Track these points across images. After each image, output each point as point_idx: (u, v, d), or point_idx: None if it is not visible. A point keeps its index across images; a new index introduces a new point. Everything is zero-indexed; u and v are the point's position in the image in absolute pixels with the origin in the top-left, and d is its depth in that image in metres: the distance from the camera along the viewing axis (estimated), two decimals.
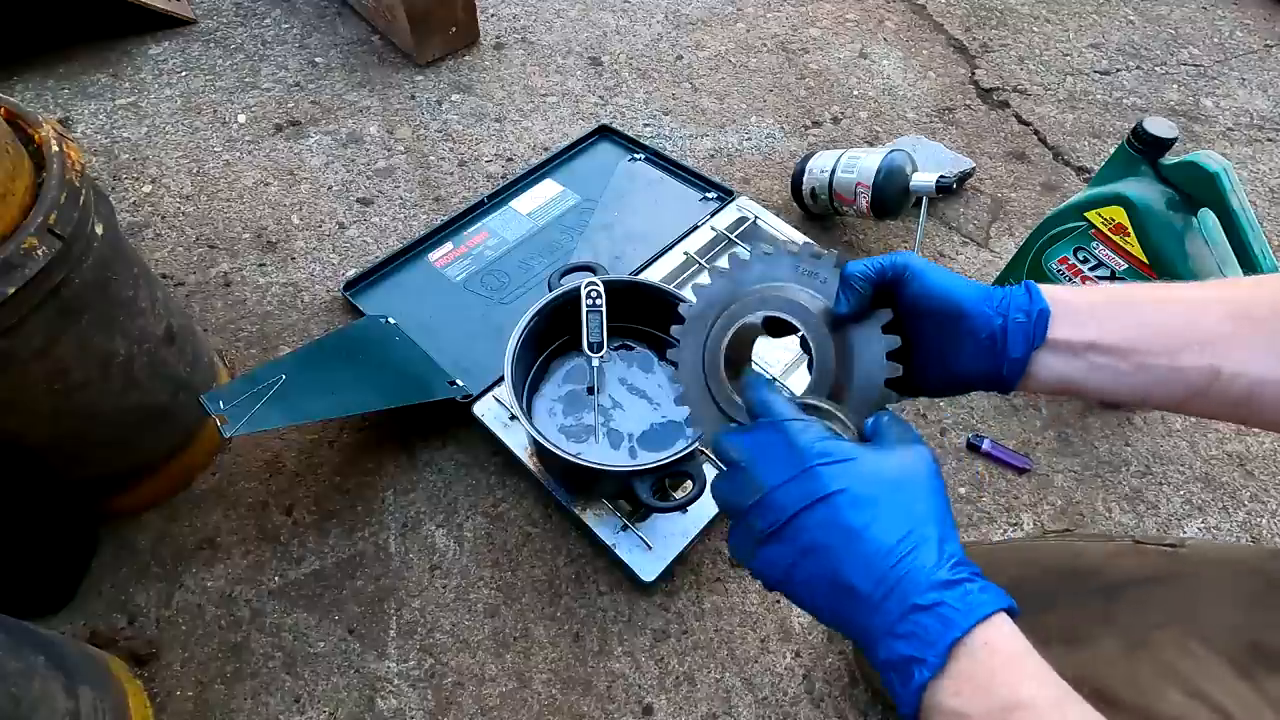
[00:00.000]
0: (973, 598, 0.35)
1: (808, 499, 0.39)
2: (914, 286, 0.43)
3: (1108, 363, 0.40)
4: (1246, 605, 0.47)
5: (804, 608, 0.40)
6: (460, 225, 1.05)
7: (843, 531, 0.38)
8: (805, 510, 0.39)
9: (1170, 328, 0.39)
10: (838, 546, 0.38)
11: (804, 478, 0.39)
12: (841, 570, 0.38)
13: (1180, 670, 0.45)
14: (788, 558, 0.40)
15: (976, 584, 0.36)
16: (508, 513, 0.82)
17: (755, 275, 0.47)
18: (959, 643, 0.34)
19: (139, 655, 0.71)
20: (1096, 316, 0.41)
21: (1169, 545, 0.53)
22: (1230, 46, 1.49)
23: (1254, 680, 0.43)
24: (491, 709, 0.70)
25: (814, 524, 0.39)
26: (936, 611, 0.35)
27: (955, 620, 0.35)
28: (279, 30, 1.35)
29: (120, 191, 1.09)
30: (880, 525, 0.38)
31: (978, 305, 0.42)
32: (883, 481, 0.39)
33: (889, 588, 0.36)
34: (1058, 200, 1.10)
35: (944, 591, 0.36)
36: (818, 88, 1.33)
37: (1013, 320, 0.41)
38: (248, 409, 0.68)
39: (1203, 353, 0.38)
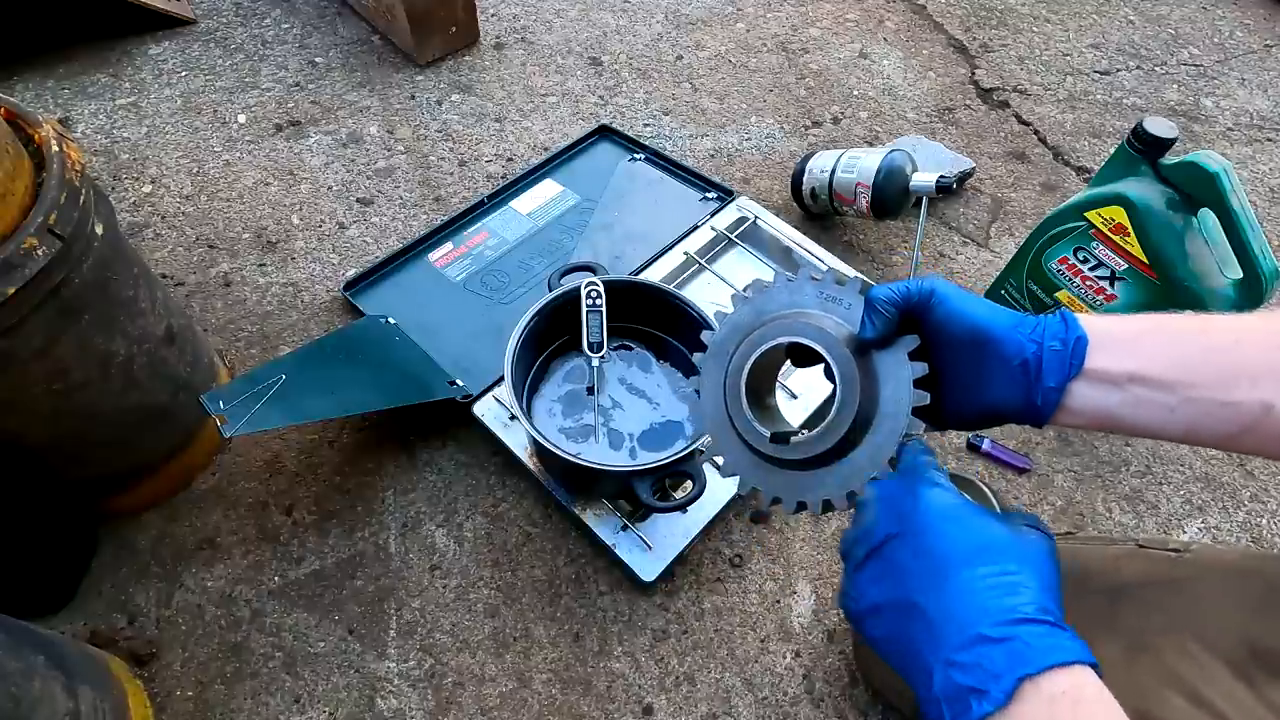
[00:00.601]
0: (1057, 641, 0.32)
1: (902, 526, 0.39)
2: (940, 312, 0.41)
3: (1151, 395, 0.37)
4: (1248, 610, 0.46)
5: (877, 645, 0.39)
6: (460, 225, 1.05)
7: (922, 553, 0.37)
8: (898, 535, 0.38)
9: (1218, 359, 0.37)
10: (915, 568, 0.37)
11: (908, 508, 0.39)
12: (913, 593, 0.36)
13: (1182, 675, 0.45)
14: (872, 581, 0.39)
15: (1066, 632, 0.33)
16: (508, 513, 0.82)
17: (778, 302, 0.46)
18: (1029, 681, 0.31)
19: (139, 655, 0.71)
20: (1138, 346, 0.38)
21: (1172, 549, 0.53)
22: (1230, 46, 1.49)
23: (1255, 686, 0.43)
24: (491, 709, 0.70)
25: (900, 546, 0.38)
26: (1007, 645, 0.32)
27: (1028, 656, 0.31)
28: (279, 30, 1.35)
29: (120, 191, 1.09)
30: (967, 557, 0.36)
31: (1009, 331, 0.40)
32: (986, 531, 0.38)
33: (953, 613, 0.34)
34: (1058, 200, 1.10)
35: (1020, 627, 0.33)
36: (818, 88, 1.33)
37: (1048, 348, 0.39)
38: (248, 409, 0.68)
39: (1255, 386, 0.36)
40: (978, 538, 0.37)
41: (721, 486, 0.79)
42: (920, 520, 0.38)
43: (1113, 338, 0.39)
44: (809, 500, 0.43)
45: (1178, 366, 0.37)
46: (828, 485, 0.43)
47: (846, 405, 0.41)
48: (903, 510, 0.39)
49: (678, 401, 0.80)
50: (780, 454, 0.44)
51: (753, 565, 0.79)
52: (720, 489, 0.78)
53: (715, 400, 0.48)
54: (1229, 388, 0.36)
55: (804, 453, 0.43)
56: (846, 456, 0.42)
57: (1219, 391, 0.36)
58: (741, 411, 0.45)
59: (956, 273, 1.07)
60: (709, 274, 0.98)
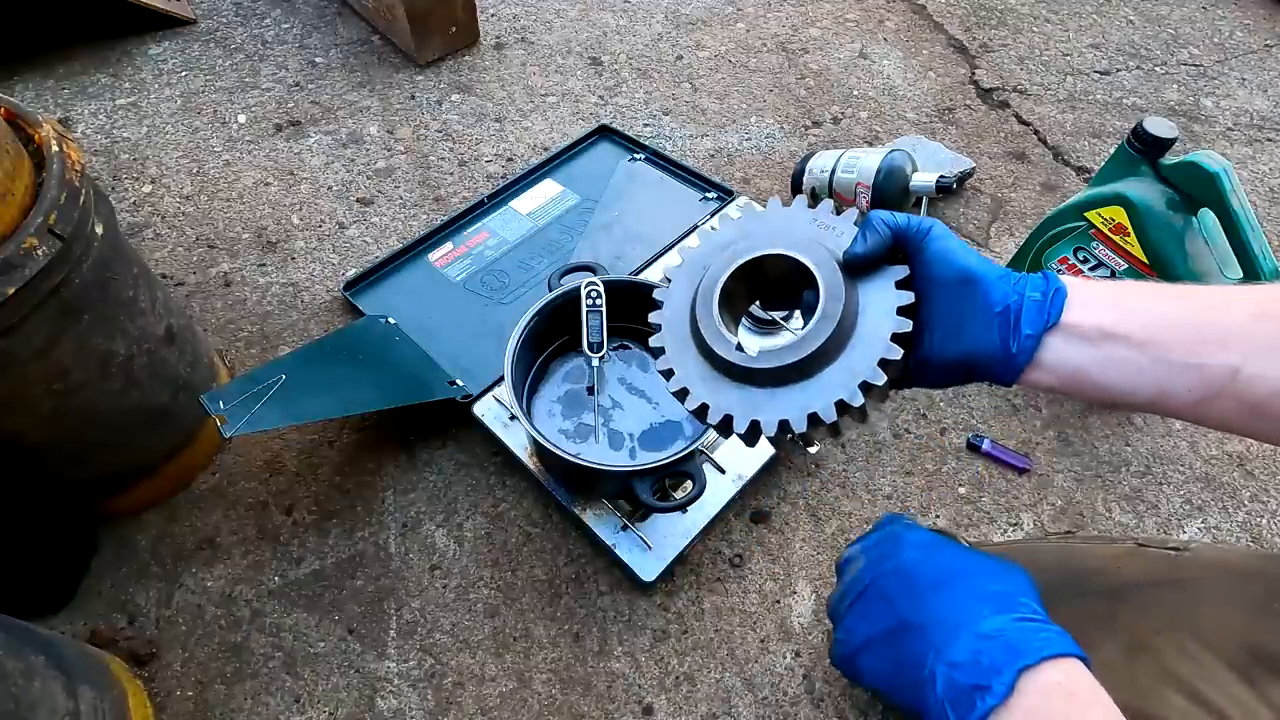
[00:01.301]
0: (1044, 635, 0.33)
1: (886, 564, 0.41)
2: (934, 249, 0.40)
3: (1123, 353, 0.38)
4: (1248, 609, 0.46)
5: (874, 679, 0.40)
6: (460, 225, 1.05)
7: (909, 578, 0.39)
8: (883, 574, 0.41)
9: (1192, 321, 0.37)
10: (903, 591, 0.39)
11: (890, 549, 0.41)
12: (898, 610, 0.38)
13: (1181, 674, 0.45)
14: (863, 616, 0.41)
15: (1054, 629, 0.34)
16: (508, 513, 0.82)
17: (768, 225, 0.43)
18: (1029, 674, 0.32)
19: (139, 655, 0.71)
20: (1115, 303, 0.38)
21: (1172, 549, 0.53)
22: (1230, 46, 1.49)
23: (1254, 685, 0.43)
24: (491, 709, 0.70)
25: (887, 578, 0.40)
26: (1002, 639, 0.33)
27: (1023, 649, 0.33)
28: (279, 30, 1.35)
29: (120, 191, 1.09)
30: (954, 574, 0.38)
31: (995, 280, 0.40)
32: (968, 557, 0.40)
33: (945, 620, 0.35)
34: (1058, 200, 1.10)
35: (1013, 624, 0.34)
36: (818, 88, 1.33)
37: (1028, 298, 0.39)
38: (248, 409, 0.68)
39: (1225, 349, 0.36)
40: (958, 561, 0.40)
41: (722, 486, 0.79)
42: (902, 557, 0.41)
43: (1091, 293, 0.39)
44: (763, 420, 0.39)
45: (1151, 326, 0.37)
46: (789, 405, 0.39)
47: (827, 317, 0.39)
48: (884, 554, 0.42)
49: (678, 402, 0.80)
50: (744, 362, 0.40)
51: (753, 565, 0.79)
52: (720, 489, 0.78)
53: (680, 308, 0.44)
54: (1198, 350, 0.36)
55: (770, 362, 0.40)
56: (814, 375, 0.39)
57: (1189, 354, 0.36)
58: (710, 315, 0.42)
59: None
60: None
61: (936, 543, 0.42)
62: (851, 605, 0.42)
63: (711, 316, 0.41)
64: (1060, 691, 0.32)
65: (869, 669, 0.40)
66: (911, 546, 0.41)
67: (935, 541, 0.42)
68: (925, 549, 0.41)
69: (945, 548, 0.41)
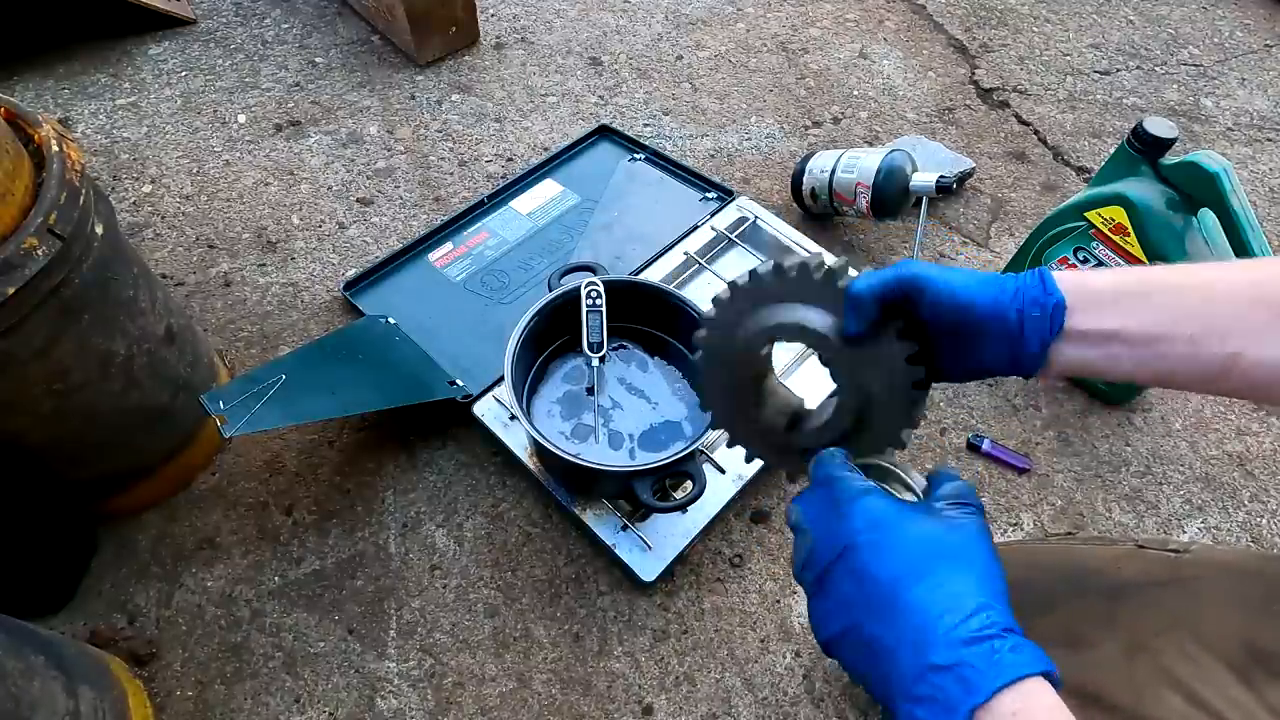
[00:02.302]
0: (1000, 657, 0.32)
1: (837, 549, 0.39)
2: (925, 299, 0.42)
3: (1126, 352, 0.39)
4: (1248, 611, 0.46)
5: (853, 674, 0.39)
6: (460, 225, 1.05)
7: (864, 579, 0.38)
8: (836, 560, 0.39)
9: (1190, 316, 0.38)
10: (860, 597, 0.38)
11: (837, 527, 0.40)
12: (864, 623, 0.37)
13: (1179, 675, 0.45)
14: (828, 611, 0.39)
15: (1008, 641, 0.33)
16: (508, 513, 0.82)
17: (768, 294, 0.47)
18: (981, 710, 0.31)
19: (139, 655, 0.71)
20: (1115, 306, 0.39)
21: (1172, 550, 0.53)
22: (1230, 46, 1.49)
23: (1253, 686, 0.43)
24: (491, 709, 0.70)
25: (842, 573, 0.39)
26: (956, 672, 0.32)
27: (976, 683, 0.31)
28: (279, 30, 1.35)
29: (120, 191, 1.09)
30: (903, 576, 0.36)
31: (992, 308, 0.41)
32: (916, 537, 0.38)
33: (905, 641, 0.34)
34: (1058, 200, 1.10)
35: (965, 649, 0.33)
36: (818, 88, 1.33)
37: (1028, 315, 0.40)
38: (248, 409, 0.68)
39: (1225, 341, 0.37)
40: (912, 548, 0.37)
41: (722, 486, 0.79)
42: (854, 541, 0.39)
43: (1089, 298, 0.40)
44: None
45: (1150, 325, 0.39)
46: None
47: (843, 392, 0.44)
48: (834, 530, 0.40)
49: (677, 402, 0.80)
50: (795, 442, 0.48)
51: (753, 565, 0.79)
52: (720, 489, 0.78)
53: (723, 397, 0.51)
54: (1199, 342, 0.38)
55: (816, 440, 0.46)
56: (861, 433, 0.45)
57: (1190, 346, 0.38)
58: (750, 406, 0.49)
59: None
60: (709, 274, 0.98)
61: (889, 518, 0.39)
62: (814, 593, 0.41)
63: (752, 410, 0.50)
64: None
65: (843, 660, 0.40)
66: (862, 527, 0.39)
67: (887, 516, 0.39)
68: (878, 530, 0.38)
69: (898, 528, 0.39)
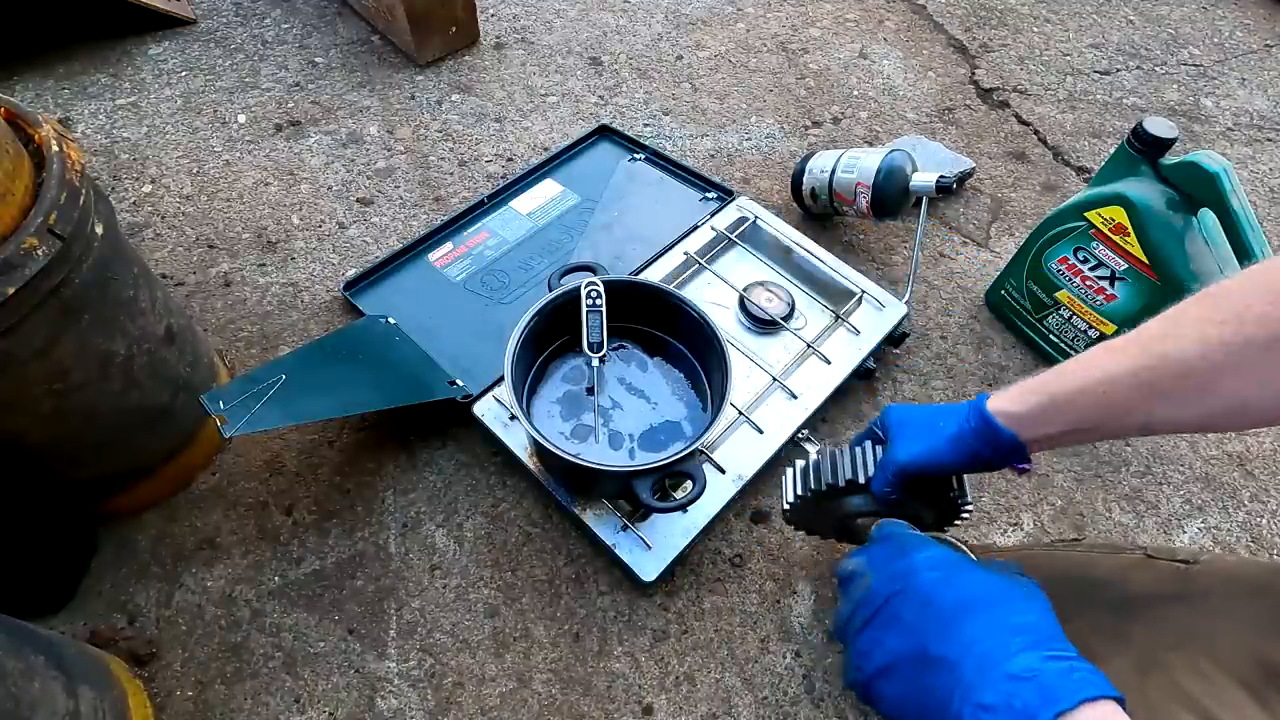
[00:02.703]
0: (1081, 676, 0.33)
1: (899, 583, 0.40)
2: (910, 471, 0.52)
3: (1074, 440, 0.48)
4: (1258, 626, 0.46)
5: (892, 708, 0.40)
6: (460, 225, 1.05)
7: (928, 604, 0.39)
8: (897, 592, 0.41)
9: (1094, 415, 0.45)
10: (922, 621, 0.38)
11: (901, 566, 0.42)
12: (926, 644, 0.37)
13: (1192, 693, 0.44)
14: (878, 641, 0.40)
15: (1085, 665, 0.34)
16: (508, 513, 0.82)
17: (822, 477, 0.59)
18: (1065, 718, 0.31)
19: (139, 655, 0.71)
20: (1038, 427, 0.47)
21: (1181, 561, 0.53)
22: (1230, 46, 1.49)
23: (1266, 705, 0.43)
24: (491, 709, 0.70)
25: (903, 602, 0.40)
26: (1037, 682, 0.32)
27: (1058, 693, 0.32)
28: (279, 30, 1.35)
29: (120, 191, 1.09)
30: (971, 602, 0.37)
31: (967, 462, 0.50)
32: (982, 575, 0.40)
33: (974, 655, 0.34)
34: (1058, 200, 1.10)
35: (1045, 664, 0.33)
36: (818, 88, 1.33)
37: (987, 454, 0.49)
38: (248, 409, 0.68)
39: (1127, 420, 0.44)
40: (979, 584, 0.39)
41: (722, 486, 0.79)
42: (918, 576, 0.40)
43: (1027, 424, 0.48)
44: None
45: (1069, 428, 0.46)
46: None
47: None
48: (896, 571, 0.42)
49: (677, 402, 0.80)
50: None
51: (753, 565, 0.79)
52: (720, 489, 0.78)
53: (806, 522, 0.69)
54: (1110, 425, 0.46)
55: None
56: None
57: (1105, 430, 0.46)
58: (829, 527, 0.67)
59: (957, 273, 1.07)
60: (709, 274, 0.98)
61: (951, 560, 0.41)
62: (864, 627, 0.41)
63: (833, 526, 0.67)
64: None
65: (888, 697, 0.39)
66: (927, 566, 0.41)
67: (950, 559, 0.41)
68: (943, 569, 0.40)
69: (962, 568, 0.40)
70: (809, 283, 0.98)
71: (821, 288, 0.97)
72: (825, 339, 0.91)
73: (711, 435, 0.79)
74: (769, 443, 0.82)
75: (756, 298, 0.93)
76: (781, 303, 0.93)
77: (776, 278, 0.97)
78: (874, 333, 0.91)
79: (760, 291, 0.94)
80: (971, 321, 1.02)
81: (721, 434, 0.82)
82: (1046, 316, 0.94)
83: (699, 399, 0.79)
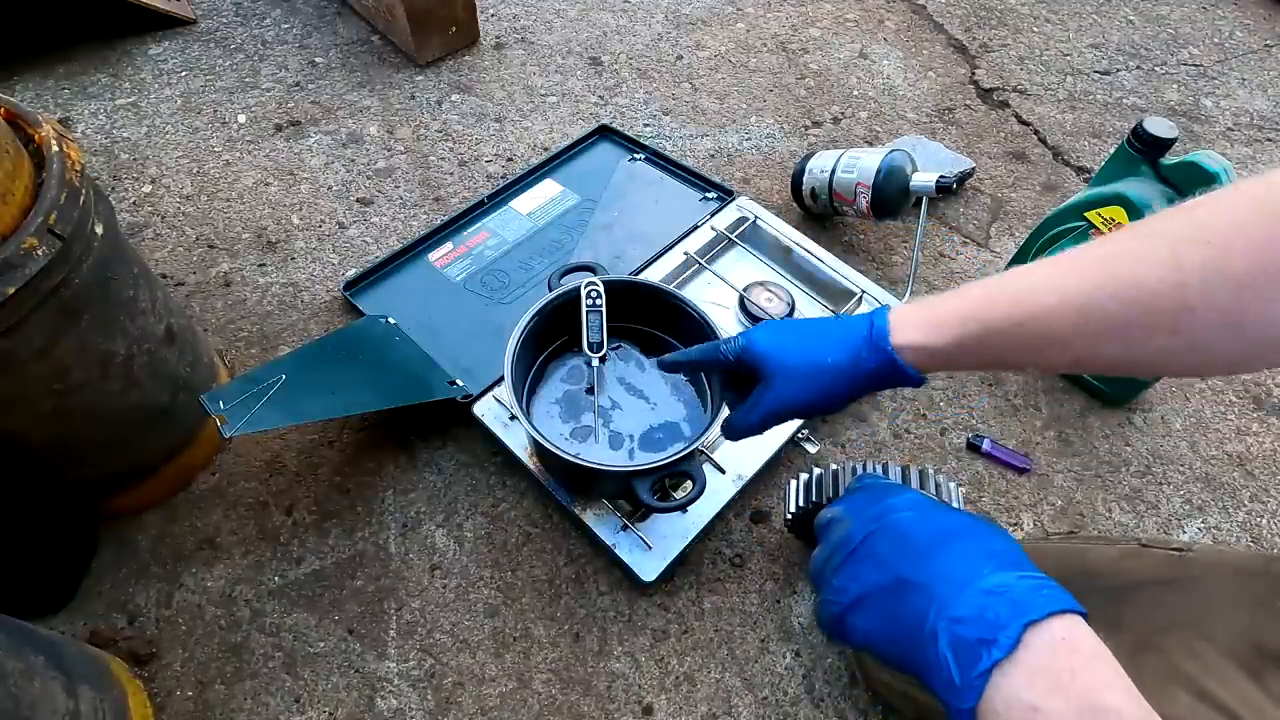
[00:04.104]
0: (1050, 592, 0.33)
1: (876, 522, 0.41)
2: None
3: (961, 369, 0.44)
4: (1253, 608, 0.47)
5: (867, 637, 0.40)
6: (460, 225, 1.05)
7: (904, 538, 0.39)
8: (874, 531, 0.41)
9: (1026, 351, 0.41)
10: (898, 552, 0.39)
11: (877, 509, 0.42)
12: (901, 572, 0.38)
13: (1187, 672, 0.45)
14: (856, 575, 0.40)
15: (1055, 586, 0.34)
16: (508, 513, 0.82)
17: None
18: (1034, 629, 0.32)
19: (139, 655, 0.71)
20: (952, 360, 0.44)
21: (1176, 549, 0.53)
22: (1230, 46, 1.49)
23: (1261, 682, 0.43)
24: (491, 709, 0.70)
25: (879, 538, 0.40)
26: (1008, 595, 0.33)
27: (1029, 604, 0.32)
28: (279, 30, 1.35)
29: (120, 191, 1.09)
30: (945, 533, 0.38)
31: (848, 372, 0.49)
32: (954, 513, 0.41)
33: (948, 576, 0.35)
34: (1058, 200, 1.10)
35: (1017, 581, 0.34)
36: (818, 88, 1.33)
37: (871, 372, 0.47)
38: (248, 409, 0.68)
39: (1064, 352, 0.40)
40: (954, 521, 0.40)
41: (722, 486, 0.79)
42: (894, 514, 0.41)
43: (929, 354, 0.45)
44: None
45: (996, 354, 0.43)
46: None
47: None
48: (872, 514, 0.42)
49: (677, 402, 0.80)
50: None
51: (753, 565, 0.79)
52: (720, 489, 0.78)
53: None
54: (1042, 355, 0.41)
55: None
56: None
57: (1035, 359, 0.42)
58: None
59: (957, 273, 1.07)
60: (709, 274, 0.98)
61: (926, 502, 0.42)
62: (841, 565, 0.41)
63: None
64: (1065, 647, 0.32)
65: (861, 627, 0.40)
66: (903, 506, 0.41)
67: (925, 502, 0.42)
68: (918, 509, 0.41)
69: (937, 507, 0.41)
70: (809, 283, 0.98)
71: (821, 288, 0.97)
72: None
73: (711, 435, 0.79)
74: (769, 443, 0.82)
75: (756, 298, 0.93)
76: (781, 303, 0.93)
77: (776, 278, 0.97)
78: None
79: (760, 291, 0.94)
80: None
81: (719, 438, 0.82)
82: None
83: (699, 399, 0.79)
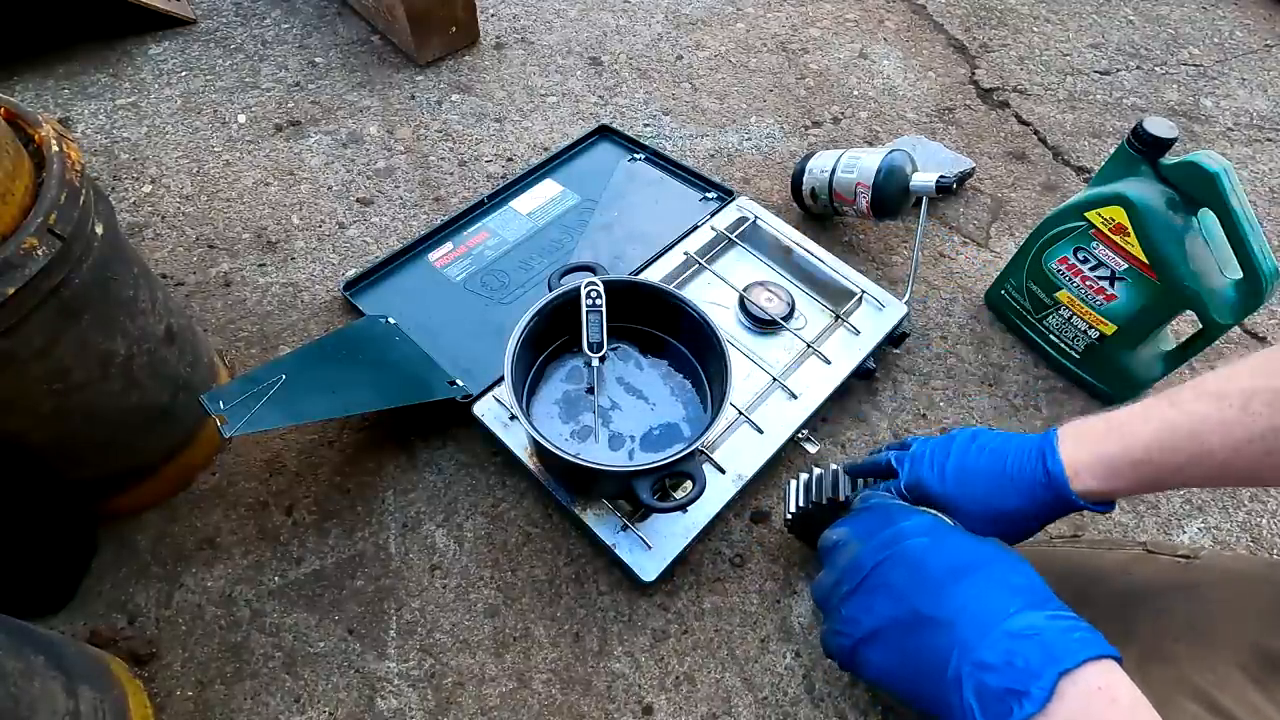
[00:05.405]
0: (1083, 635, 0.32)
1: (886, 549, 0.39)
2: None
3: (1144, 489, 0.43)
4: (1259, 616, 0.46)
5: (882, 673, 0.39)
6: (460, 225, 1.05)
7: (918, 568, 0.37)
8: (885, 559, 0.39)
9: (1209, 480, 0.41)
10: (912, 583, 0.37)
11: (888, 534, 0.40)
12: (917, 606, 0.36)
13: (1195, 682, 0.44)
14: (868, 607, 0.39)
15: (1086, 627, 0.33)
16: (508, 513, 0.82)
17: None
18: (1068, 677, 0.30)
19: (139, 655, 0.71)
20: (1136, 490, 0.43)
21: (1182, 556, 0.53)
22: (1230, 46, 1.49)
23: (1269, 692, 0.43)
24: (491, 709, 0.70)
25: (891, 567, 0.38)
26: (1037, 639, 0.31)
27: (1062, 651, 0.31)
28: (279, 30, 1.35)
29: (120, 191, 1.09)
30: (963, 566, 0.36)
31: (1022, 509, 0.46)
32: (971, 540, 0.38)
33: (970, 614, 0.33)
34: (1058, 200, 1.10)
35: (1047, 623, 0.32)
36: (818, 88, 1.33)
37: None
38: (248, 409, 0.68)
39: (1224, 474, 0.40)
40: (969, 548, 0.38)
41: (721, 486, 0.79)
42: (906, 541, 0.39)
43: (1112, 498, 0.44)
44: None
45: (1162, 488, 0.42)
46: None
47: None
48: (883, 539, 0.40)
49: (677, 402, 0.80)
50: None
51: (753, 565, 0.79)
52: (720, 489, 0.78)
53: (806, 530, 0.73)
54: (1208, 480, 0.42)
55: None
56: None
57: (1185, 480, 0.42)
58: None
59: (957, 273, 1.07)
60: (709, 274, 0.98)
61: (938, 527, 0.40)
62: (851, 593, 0.40)
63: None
64: (1102, 697, 0.30)
65: (875, 662, 0.38)
66: (916, 531, 0.39)
67: (937, 526, 0.40)
68: (930, 535, 0.39)
69: (950, 534, 0.39)
70: (809, 283, 0.98)
71: (821, 288, 0.97)
72: (825, 339, 0.91)
73: (711, 435, 0.79)
74: (769, 443, 0.82)
75: (756, 298, 0.93)
76: (781, 303, 0.93)
77: (776, 278, 0.97)
78: (874, 333, 0.91)
79: (760, 291, 0.94)
80: (971, 321, 1.02)
81: (721, 434, 0.82)
82: (1046, 316, 0.94)
83: (699, 399, 0.79)
